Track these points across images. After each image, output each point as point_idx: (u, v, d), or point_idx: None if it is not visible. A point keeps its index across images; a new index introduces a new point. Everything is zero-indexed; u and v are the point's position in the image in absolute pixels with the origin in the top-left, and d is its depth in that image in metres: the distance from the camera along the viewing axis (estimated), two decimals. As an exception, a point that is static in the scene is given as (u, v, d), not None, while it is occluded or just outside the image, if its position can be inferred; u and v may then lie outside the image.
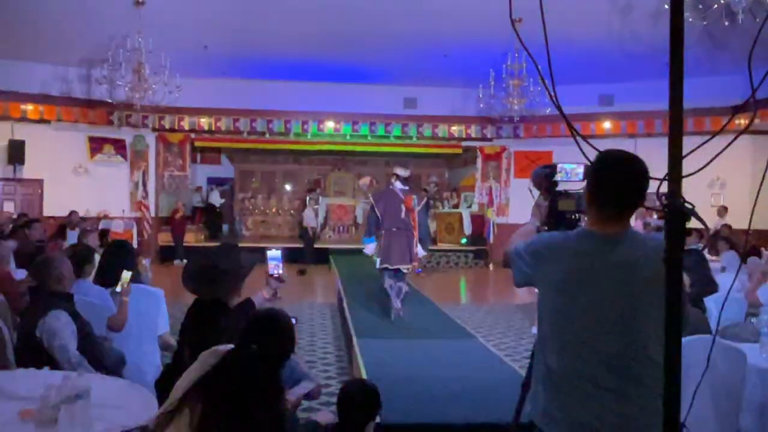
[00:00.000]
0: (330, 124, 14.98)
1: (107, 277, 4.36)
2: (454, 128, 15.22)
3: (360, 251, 8.66)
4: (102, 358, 3.39)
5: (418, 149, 16.50)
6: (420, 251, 7.38)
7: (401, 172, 7.34)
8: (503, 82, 11.09)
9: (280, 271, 3.52)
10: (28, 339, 3.27)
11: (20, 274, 5.11)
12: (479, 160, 15.76)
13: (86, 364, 3.17)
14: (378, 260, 7.17)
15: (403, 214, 7.07)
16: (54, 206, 13.36)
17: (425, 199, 7.92)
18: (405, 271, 7.11)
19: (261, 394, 1.70)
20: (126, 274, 3.98)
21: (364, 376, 4.79)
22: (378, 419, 3.10)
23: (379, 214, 7.14)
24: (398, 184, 7.23)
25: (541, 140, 14.66)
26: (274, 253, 3.61)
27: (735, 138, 1.70)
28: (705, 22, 6.34)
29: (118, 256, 4.66)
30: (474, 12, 9.15)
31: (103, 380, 2.91)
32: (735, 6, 5.87)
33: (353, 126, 15.04)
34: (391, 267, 6.97)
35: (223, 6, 9.50)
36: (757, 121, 11.04)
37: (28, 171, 13.43)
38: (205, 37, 11.15)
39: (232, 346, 2.02)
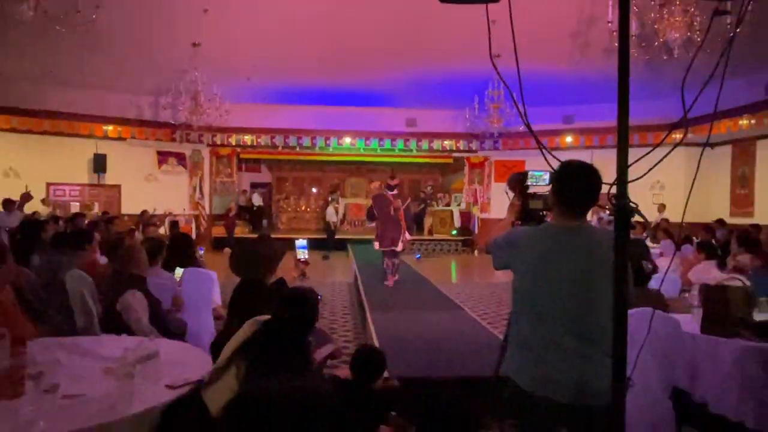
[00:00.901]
0: (347, 140, 14.99)
1: (172, 262, 4.39)
2: (447, 142, 15.21)
3: (370, 241, 9.01)
4: (168, 327, 3.41)
5: (418, 159, 16.53)
6: (407, 235, 8.28)
7: (389, 181, 8.25)
8: (485, 106, 11.05)
9: (306, 257, 3.55)
10: (111, 312, 3.30)
11: (103, 260, 5.14)
12: (466, 168, 15.73)
13: (156, 332, 3.19)
14: (377, 243, 8.09)
15: (392, 212, 7.93)
16: (129, 206, 13.45)
17: (408, 201, 9.10)
18: (396, 249, 8.02)
19: (292, 354, 1.71)
20: (179, 270, 4.04)
21: (375, 340, 4.80)
22: (386, 374, 3.11)
23: (375, 212, 8.08)
24: (388, 191, 8.11)
25: (515, 152, 14.59)
26: (301, 242, 3.65)
27: (671, 150, 1.69)
28: (647, 57, 6.28)
29: (180, 245, 4.69)
30: (462, 49, 9.11)
31: (168, 344, 2.93)
32: (671, 44, 5.81)
33: (365, 141, 15.06)
34: (384, 248, 7.96)
35: (261, 46, 9.52)
36: (689, 135, 10.97)
37: (109, 178, 13.52)
38: (248, 71, 11.17)
39: (269, 316, 2.02)
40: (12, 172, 12.19)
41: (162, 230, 10.88)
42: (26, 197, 6.21)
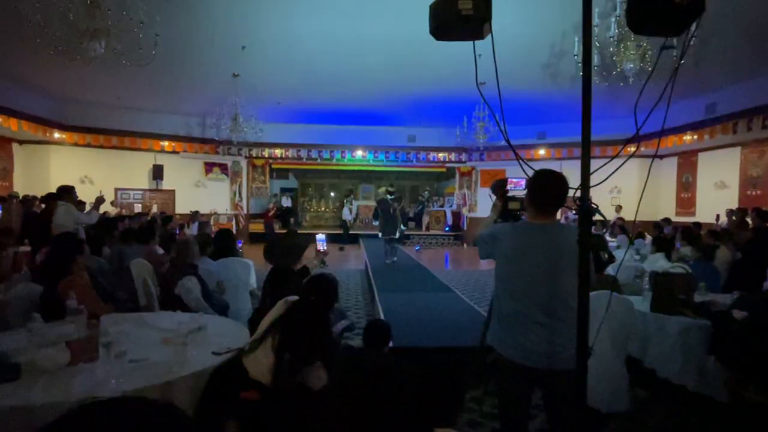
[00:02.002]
0: (359, 153, 14.97)
1: (218, 253, 4.42)
2: (441, 155, 15.15)
3: (378, 235, 9.50)
4: (215, 306, 3.44)
5: (417, 169, 16.45)
6: (402, 228, 9.56)
7: (390, 189, 9.51)
8: (473, 124, 11.02)
9: (325, 248, 3.56)
10: (168, 293, 3.33)
11: (160, 251, 5.18)
12: (457, 176, 15.67)
13: (210, 309, 3.22)
14: (380, 234, 9.14)
15: (391, 211, 8.96)
16: (182, 207, 13.51)
17: (402, 203, 10.25)
18: (394, 238, 9.07)
19: (316, 328, 1.71)
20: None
21: (382, 316, 4.80)
22: (391, 344, 3.11)
23: (379, 211, 9.16)
24: (389, 196, 9.15)
25: (497, 162, 14.53)
26: (320, 236, 3.67)
27: (625, 161, 1.69)
28: (607, 83, 6.23)
29: (224, 239, 4.71)
30: (453, 78, 9.10)
31: (215, 319, 2.95)
32: (627, 72, 5.76)
33: (374, 154, 15.03)
34: (385, 237, 9.02)
35: (289, 76, 9.54)
36: (642, 148, 10.89)
37: (165, 184, 13.59)
38: (279, 97, 11.20)
39: (297, 297, 2.03)
40: (87, 179, 12.30)
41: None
42: (100, 200, 6.25)
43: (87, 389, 1.73)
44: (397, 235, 9.17)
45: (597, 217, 1.42)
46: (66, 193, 6.05)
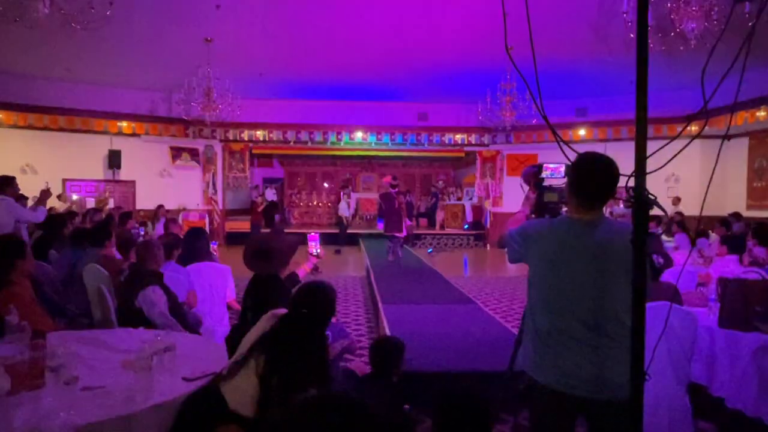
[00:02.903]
0: (359, 134, 14.96)
1: (187, 256, 4.43)
2: (458, 136, 15.11)
3: (382, 235, 10.65)
4: (184, 321, 3.45)
5: (429, 154, 16.45)
6: (407, 221, 10.45)
7: (391, 181, 10.08)
8: (498, 99, 10.96)
9: (319, 250, 3.56)
10: (128, 306, 3.33)
11: (117, 255, 5.19)
12: (478, 162, 15.62)
13: (179, 326, 3.24)
14: (384, 230, 10.04)
15: (396, 206, 9.80)
16: (144, 201, 13.59)
17: (407, 197, 11.15)
18: (398, 235, 9.96)
19: (310, 348, 1.71)
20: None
21: (388, 333, 4.79)
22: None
23: (383, 207, 10.06)
24: (392, 189, 9.85)
25: (528, 145, 14.49)
26: (313, 236, 3.67)
27: (689, 142, 1.67)
28: (663, 47, 6.16)
29: (195, 240, 4.73)
30: (474, 43, 9.05)
31: (185, 337, 2.96)
32: (689, 34, 5.70)
33: (377, 136, 15.02)
34: (389, 234, 9.92)
35: (273, 42, 9.53)
36: (706, 127, 10.82)
37: (123, 174, 13.65)
38: (260, 67, 11.20)
39: (286, 310, 2.03)
40: (29, 168, 12.36)
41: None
42: (46, 194, 6.26)
43: (31, 423, 1.73)
44: (403, 232, 9.95)
45: (653, 211, 1.40)
46: (4, 185, 6.07)
